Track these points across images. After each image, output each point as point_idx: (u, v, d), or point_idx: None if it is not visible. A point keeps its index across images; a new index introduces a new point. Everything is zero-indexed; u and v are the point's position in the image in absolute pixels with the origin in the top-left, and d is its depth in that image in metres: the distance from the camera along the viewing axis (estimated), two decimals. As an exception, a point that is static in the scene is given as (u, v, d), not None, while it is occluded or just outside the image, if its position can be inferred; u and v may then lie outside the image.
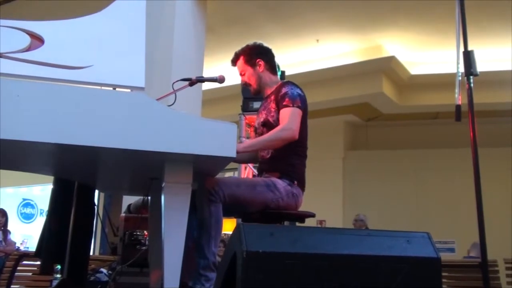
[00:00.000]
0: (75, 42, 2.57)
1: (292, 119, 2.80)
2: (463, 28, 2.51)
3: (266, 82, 3.08)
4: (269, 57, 3.12)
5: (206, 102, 6.85)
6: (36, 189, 13.47)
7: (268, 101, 3.03)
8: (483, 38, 7.53)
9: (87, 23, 2.61)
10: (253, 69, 3.06)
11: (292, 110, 2.84)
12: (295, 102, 2.87)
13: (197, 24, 6.67)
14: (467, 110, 2.43)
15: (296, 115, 2.83)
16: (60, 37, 2.54)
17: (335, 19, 7.86)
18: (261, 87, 3.09)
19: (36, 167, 2.95)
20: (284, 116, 2.83)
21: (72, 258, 2.99)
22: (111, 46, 2.60)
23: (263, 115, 3.01)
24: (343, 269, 1.79)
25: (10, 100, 2.10)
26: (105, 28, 2.62)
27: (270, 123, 2.95)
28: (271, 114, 2.95)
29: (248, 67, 3.06)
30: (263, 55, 3.09)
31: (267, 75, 3.08)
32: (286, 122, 2.79)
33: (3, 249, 7.26)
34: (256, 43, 3.14)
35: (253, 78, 3.06)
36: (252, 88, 3.09)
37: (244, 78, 3.09)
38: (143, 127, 2.19)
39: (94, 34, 2.60)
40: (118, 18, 2.65)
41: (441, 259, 1.95)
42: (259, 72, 3.06)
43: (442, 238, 8.92)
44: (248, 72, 3.07)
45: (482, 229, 2.34)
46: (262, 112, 3.04)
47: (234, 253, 1.79)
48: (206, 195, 2.59)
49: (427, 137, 10.11)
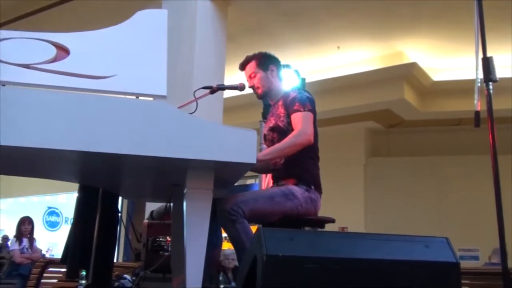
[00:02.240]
0: (99, 52, 2.63)
1: (305, 124, 2.83)
2: (482, 34, 2.52)
3: (275, 88, 3.12)
4: (279, 66, 3.17)
5: (227, 109, 6.89)
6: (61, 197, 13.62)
7: (276, 106, 3.06)
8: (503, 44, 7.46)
9: (111, 34, 2.66)
10: (265, 73, 3.10)
11: (303, 114, 2.86)
12: (306, 106, 2.90)
13: (218, 33, 6.73)
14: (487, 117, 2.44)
15: (308, 119, 2.86)
16: (84, 48, 2.60)
17: (356, 26, 7.85)
18: (270, 92, 3.12)
19: (62, 175, 3.01)
20: (297, 121, 2.85)
21: (96, 264, 3.04)
22: (134, 56, 2.65)
23: (272, 121, 3.04)
24: (362, 273, 1.81)
25: (37, 109, 2.18)
26: (128, 38, 2.67)
27: (280, 127, 2.97)
28: (281, 119, 2.97)
29: (260, 70, 3.10)
30: (275, 63, 3.15)
31: (276, 82, 3.12)
32: (300, 127, 2.81)
33: (30, 256, 7.38)
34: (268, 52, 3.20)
35: (264, 81, 3.10)
36: (260, 91, 3.11)
37: (253, 81, 3.12)
38: (165, 135, 2.24)
39: (117, 44, 2.66)
40: (140, 28, 2.71)
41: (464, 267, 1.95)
42: (271, 78, 3.10)
43: (466, 246, 8.82)
44: (259, 75, 3.10)
45: (502, 236, 2.33)
46: (271, 118, 3.07)
47: (254, 257, 1.82)
48: (227, 216, 2.61)
49: (449, 144, 10.01)
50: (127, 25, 2.69)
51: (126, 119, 2.25)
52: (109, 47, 2.65)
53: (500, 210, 2.33)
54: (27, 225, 7.67)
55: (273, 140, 3.04)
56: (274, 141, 3.03)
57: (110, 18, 3.52)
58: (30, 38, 2.54)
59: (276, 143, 3.00)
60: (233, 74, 7.55)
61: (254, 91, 3.14)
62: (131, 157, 2.24)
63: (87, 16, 7.53)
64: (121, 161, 2.35)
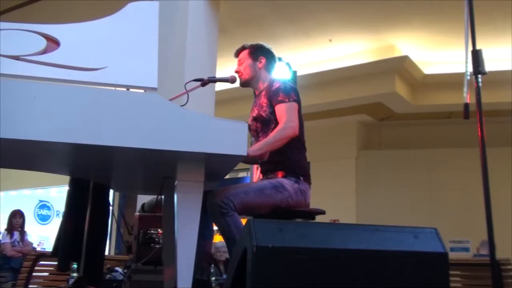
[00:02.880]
0: (89, 44, 2.62)
1: (290, 115, 2.83)
2: (472, 27, 2.53)
3: (259, 77, 3.12)
4: (271, 60, 3.18)
5: (219, 102, 6.88)
6: (53, 191, 13.58)
7: (259, 96, 3.07)
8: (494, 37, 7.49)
9: (101, 26, 2.65)
10: (253, 62, 3.12)
11: (288, 106, 2.87)
12: (290, 96, 2.90)
13: (210, 25, 6.71)
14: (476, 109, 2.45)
15: (293, 110, 2.86)
16: (75, 40, 2.59)
17: (348, 19, 7.86)
18: (253, 81, 3.13)
19: (53, 167, 3.01)
20: (282, 113, 2.86)
21: (88, 257, 3.05)
22: (125, 48, 2.64)
23: (255, 111, 3.05)
24: (351, 263, 1.82)
25: (27, 101, 2.17)
26: (119, 30, 2.66)
27: (263, 117, 2.98)
28: (263, 109, 2.98)
29: (249, 58, 3.13)
30: (268, 56, 3.16)
31: (263, 72, 3.13)
32: (285, 119, 2.82)
33: (21, 249, 7.36)
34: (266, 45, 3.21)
35: (249, 69, 3.11)
36: (243, 77, 3.13)
37: (239, 67, 3.15)
38: (156, 127, 2.25)
39: (108, 36, 2.65)
40: (131, 20, 2.70)
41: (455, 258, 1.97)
42: (257, 67, 3.12)
43: (457, 238, 8.88)
44: (246, 62, 3.12)
45: (491, 227, 2.35)
46: (254, 108, 3.08)
47: (244, 249, 1.83)
48: (217, 209, 2.62)
49: (441, 137, 10.06)
50: (118, 16, 2.68)
51: (117, 111, 2.25)
52: (100, 39, 2.64)
53: (489, 202, 2.35)
54: (18, 219, 7.65)
55: (257, 129, 3.05)
56: (258, 131, 3.03)
57: (101, 10, 3.51)
58: (20, 30, 2.52)
59: (259, 132, 3.01)
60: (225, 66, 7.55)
61: (238, 77, 3.16)
62: (122, 149, 2.24)
63: (77, 8, 7.48)
64: (112, 153, 2.35)
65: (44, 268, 4.92)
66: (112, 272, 3.93)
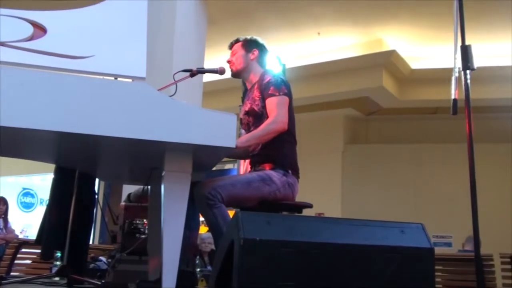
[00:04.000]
0: (77, 32, 2.60)
1: (280, 110, 2.83)
2: (461, 22, 2.54)
3: (251, 69, 3.12)
4: (264, 53, 3.18)
5: (206, 94, 6.87)
6: (36, 179, 13.49)
7: (252, 90, 3.07)
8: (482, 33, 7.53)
9: (90, 13, 2.63)
10: (245, 53, 3.12)
11: (278, 100, 2.87)
12: (281, 90, 2.90)
13: (199, 15, 6.68)
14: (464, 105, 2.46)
15: (283, 104, 2.86)
16: (62, 27, 2.56)
17: (336, 12, 7.85)
18: (244, 72, 3.13)
19: (38, 155, 2.98)
20: (272, 107, 2.86)
21: (72, 246, 3.03)
22: (113, 36, 2.62)
23: (248, 105, 3.05)
24: (338, 257, 1.83)
25: (13, 88, 2.14)
26: (107, 19, 2.64)
27: (255, 111, 2.98)
28: (256, 103, 2.98)
29: (242, 49, 3.13)
30: (260, 49, 3.16)
31: (255, 64, 3.13)
32: (275, 113, 2.82)
33: (4, 236, 7.30)
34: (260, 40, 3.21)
35: (240, 60, 3.11)
36: (234, 67, 3.13)
37: (231, 57, 3.15)
38: (144, 117, 2.23)
39: (96, 24, 2.62)
40: (120, 9, 2.67)
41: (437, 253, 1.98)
42: (249, 59, 3.11)
43: (440, 233, 8.96)
44: (239, 53, 3.13)
45: (476, 223, 2.37)
46: (247, 102, 3.08)
47: (231, 241, 1.82)
48: (204, 201, 2.62)
49: (427, 132, 10.12)
50: (106, 5, 2.66)
51: (104, 100, 2.22)
52: (88, 27, 2.62)
53: (475, 198, 2.37)
54: (1, 206, 7.58)
55: (249, 123, 3.04)
56: (250, 125, 3.03)
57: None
58: (6, 16, 2.49)
59: (251, 126, 3.00)
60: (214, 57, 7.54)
61: (229, 67, 3.16)
62: (108, 139, 2.22)
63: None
64: (99, 142, 2.33)
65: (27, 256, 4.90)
66: (96, 262, 3.91)
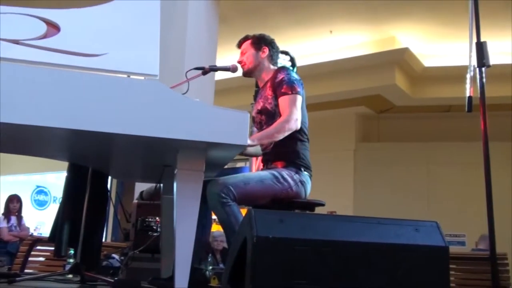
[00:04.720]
0: (90, 30, 2.60)
1: (292, 108, 2.82)
2: (476, 19, 2.51)
3: (262, 68, 3.10)
4: (275, 51, 3.16)
5: (218, 92, 6.86)
6: (50, 177, 13.55)
7: (265, 88, 3.05)
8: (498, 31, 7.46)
9: (103, 12, 2.63)
10: (256, 52, 3.09)
11: (291, 98, 2.86)
12: (294, 88, 2.89)
13: (210, 14, 6.68)
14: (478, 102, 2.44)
15: (295, 103, 2.85)
16: (76, 25, 2.57)
17: (349, 10, 7.82)
18: (255, 71, 3.11)
19: (52, 153, 2.99)
20: (285, 106, 2.85)
21: (85, 243, 3.04)
22: (126, 35, 2.63)
23: (260, 103, 3.04)
24: (351, 256, 1.82)
25: (26, 86, 2.15)
26: (120, 17, 2.64)
27: (268, 110, 2.97)
28: (268, 102, 2.97)
29: (252, 48, 3.11)
30: (271, 46, 3.14)
31: (266, 62, 3.11)
32: (287, 112, 2.81)
33: (18, 234, 7.36)
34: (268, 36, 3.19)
35: (252, 58, 3.09)
36: (246, 67, 3.11)
37: (242, 57, 3.13)
38: (157, 114, 2.23)
39: (109, 22, 2.63)
40: (133, 7, 2.68)
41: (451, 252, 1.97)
42: (260, 57, 3.09)
43: (453, 231, 8.90)
44: (249, 52, 3.10)
45: (492, 222, 2.34)
46: (259, 100, 3.07)
47: (244, 238, 1.82)
48: (217, 199, 2.61)
49: (439, 130, 10.05)
50: (119, 3, 2.66)
51: (117, 97, 2.23)
52: (101, 25, 2.62)
53: (490, 196, 2.34)
54: (15, 203, 7.65)
55: (261, 122, 3.03)
56: (262, 124, 3.02)
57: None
58: (20, 14, 2.50)
59: (264, 125, 2.99)
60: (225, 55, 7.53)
61: (241, 67, 3.14)
62: (122, 137, 2.22)
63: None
64: (112, 140, 2.34)
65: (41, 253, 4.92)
66: (109, 259, 3.92)
